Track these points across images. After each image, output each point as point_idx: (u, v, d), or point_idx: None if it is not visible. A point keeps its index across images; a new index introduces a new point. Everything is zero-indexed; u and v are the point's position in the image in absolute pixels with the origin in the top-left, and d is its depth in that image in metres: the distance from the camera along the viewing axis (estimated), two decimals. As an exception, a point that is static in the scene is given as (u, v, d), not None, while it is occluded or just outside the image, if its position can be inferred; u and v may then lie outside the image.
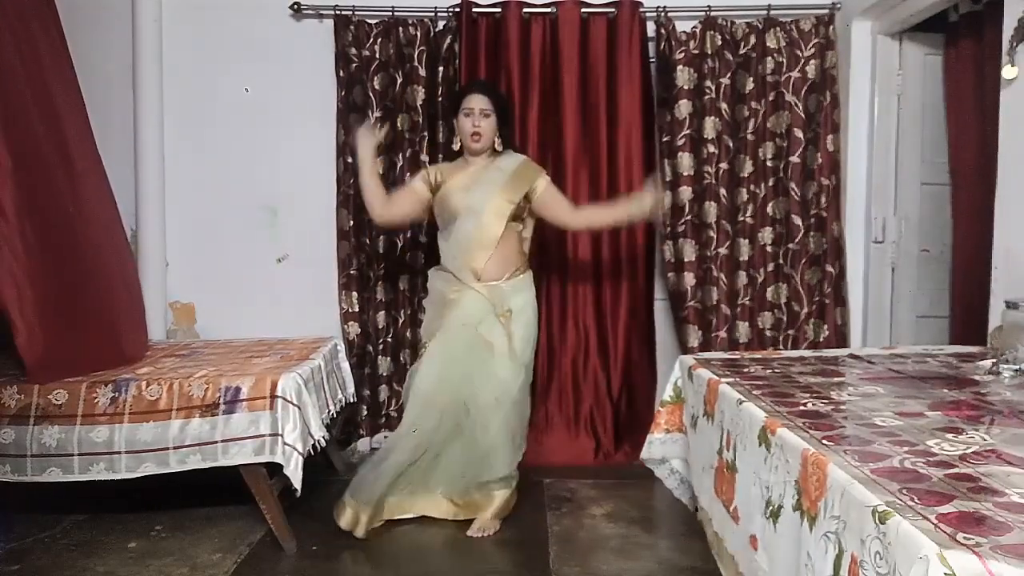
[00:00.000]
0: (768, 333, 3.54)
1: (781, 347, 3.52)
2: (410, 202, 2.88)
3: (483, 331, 2.73)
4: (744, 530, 1.64)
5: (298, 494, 2.52)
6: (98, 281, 2.84)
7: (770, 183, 3.52)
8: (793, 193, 3.50)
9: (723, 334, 3.53)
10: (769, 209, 3.52)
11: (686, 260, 3.49)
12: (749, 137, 3.49)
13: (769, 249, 3.53)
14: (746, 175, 3.50)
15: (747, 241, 3.52)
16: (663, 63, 3.46)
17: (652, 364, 3.60)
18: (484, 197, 2.76)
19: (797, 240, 3.51)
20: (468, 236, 2.76)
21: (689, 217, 3.48)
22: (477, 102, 2.78)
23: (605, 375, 3.57)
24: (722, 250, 3.51)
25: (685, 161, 3.46)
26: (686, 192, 3.47)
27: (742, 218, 3.52)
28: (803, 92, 3.47)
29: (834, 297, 3.49)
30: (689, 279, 3.49)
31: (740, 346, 3.51)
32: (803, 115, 3.48)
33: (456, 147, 2.94)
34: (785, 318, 3.54)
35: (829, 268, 3.49)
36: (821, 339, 3.50)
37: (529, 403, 2.94)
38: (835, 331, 3.49)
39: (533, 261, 3.03)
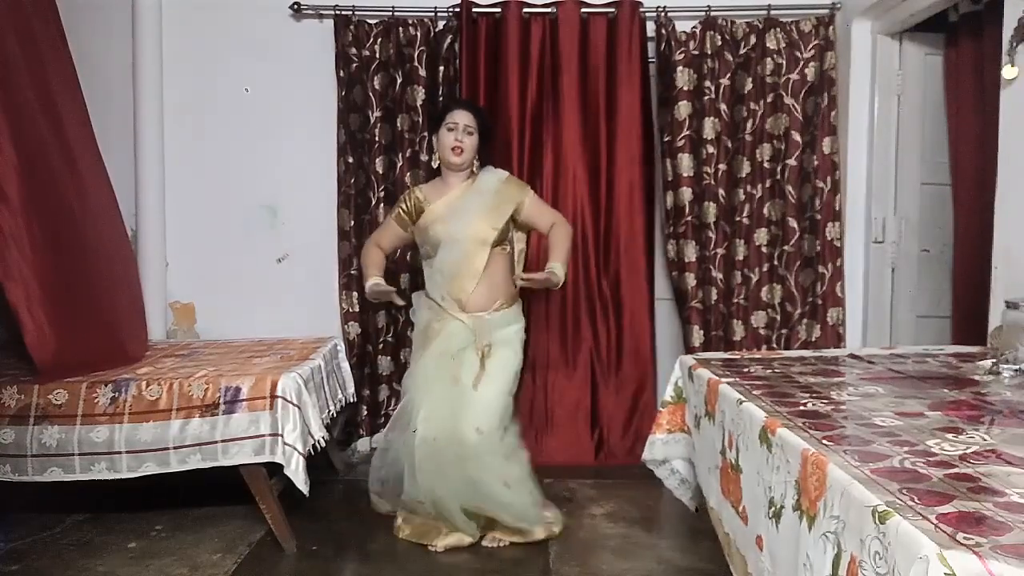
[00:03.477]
0: (762, 332, 3.55)
1: (775, 346, 3.53)
2: (392, 243, 2.91)
3: (459, 362, 2.63)
4: (752, 530, 1.64)
5: (306, 494, 2.52)
6: (102, 280, 2.84)
7: (767, 184, 3.52)
8: (790, 196, 3.51)
9: (720, 333, 3.54)
10: (765, 210, 3.53)
11: (687, 260, 3.49)
12: (747, 138, 3.49)
13: (764, 250, 3.54)
14: (743, 176, 3.51)
15: (743, 242, 3.53)
16: (663, 63, 3.46)
17: (654, 363, 3.60)
18: (465, 225, 2.67)
19: (792, 242, 3.52)
20: (452, 266, 2.68)
21: (690, 218, 3.49)
22: (462, 118, 2.72)
23: (606, 374, 3.57)
24: (720, 250, 3.52)
25: (685, 161, 3.46)
26: (686, 193, 3.47)
27: (739, 219, 3.52)
28: (802, 95, 3.48)
29: (828, 298, 3.49)
30: (690, 279, 3.49)
31: (736, 344, 3.51)
32: (801, 118, 3.48)
33: (435, 165, 2.84)
34: (779, 318, 3.55)
35: (822, 270, 3.49)
36: (813, 339, 3.50)
37: (515, 431, 2.75)
38: (829, 331, 3.49)
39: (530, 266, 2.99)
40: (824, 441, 1.38)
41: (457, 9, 3.46)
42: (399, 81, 3.50)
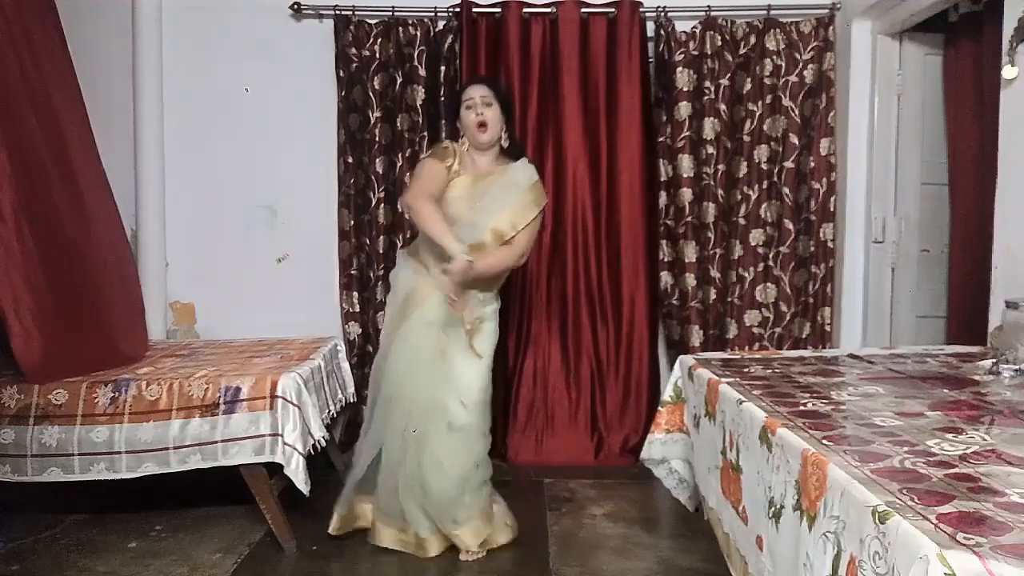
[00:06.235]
0: (755, 331, 3.56)
1: (768, 344, 3.54)
2: (440, 192, 2.59)
3: (445, 334, 2.55)
4: (752, 530, 1.64)
5: (306, 494, 2.52)
6: (97, 283, 2.84)
7: (763, 186, 3.52)
8: (786, 197, 3.51)
9: (717, 332, 3.55)
10: (762, 211, 3.53)
11: (687, 261, 3.50)
12: (745, 139, 3.49)
13: (760, 250, 3.54)
14: (741, 176, 3.51)
15: (739, 242, 3.54)
16: (662, 63, 3.46)
17: (654, 363, 3.61)
18: (490, 216, 2.57)
19: (788, 243, 3.52)
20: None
21: (689, 218, 3.49)
22: (477, 91, 2.64)
23: (606, 375, 3.57)
24: (719, 250, 3.53)
25: (685, 162, 3.46)
26: (686, 193, 3.47)
27: (735, 219, 3.53)
28: (800, 96, 3.48)
29: (821, 298, 3.51)
30: (690, 280, 3.50)
31: (730, 342, 3.52)
32: (799, 119, 3.48)
33: (465, 148, 2.73)
34: (772, 317, 3.56)
35: (815, 270, 3.50)
36: (803, 336, 3.52)
37: (489, 410, 2.67)
38: (820, 330, 3.51)
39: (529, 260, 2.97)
40: (824, 441, 1.38)
41: (457, 9, 3.46)
42: (399, 81, 3.50)
